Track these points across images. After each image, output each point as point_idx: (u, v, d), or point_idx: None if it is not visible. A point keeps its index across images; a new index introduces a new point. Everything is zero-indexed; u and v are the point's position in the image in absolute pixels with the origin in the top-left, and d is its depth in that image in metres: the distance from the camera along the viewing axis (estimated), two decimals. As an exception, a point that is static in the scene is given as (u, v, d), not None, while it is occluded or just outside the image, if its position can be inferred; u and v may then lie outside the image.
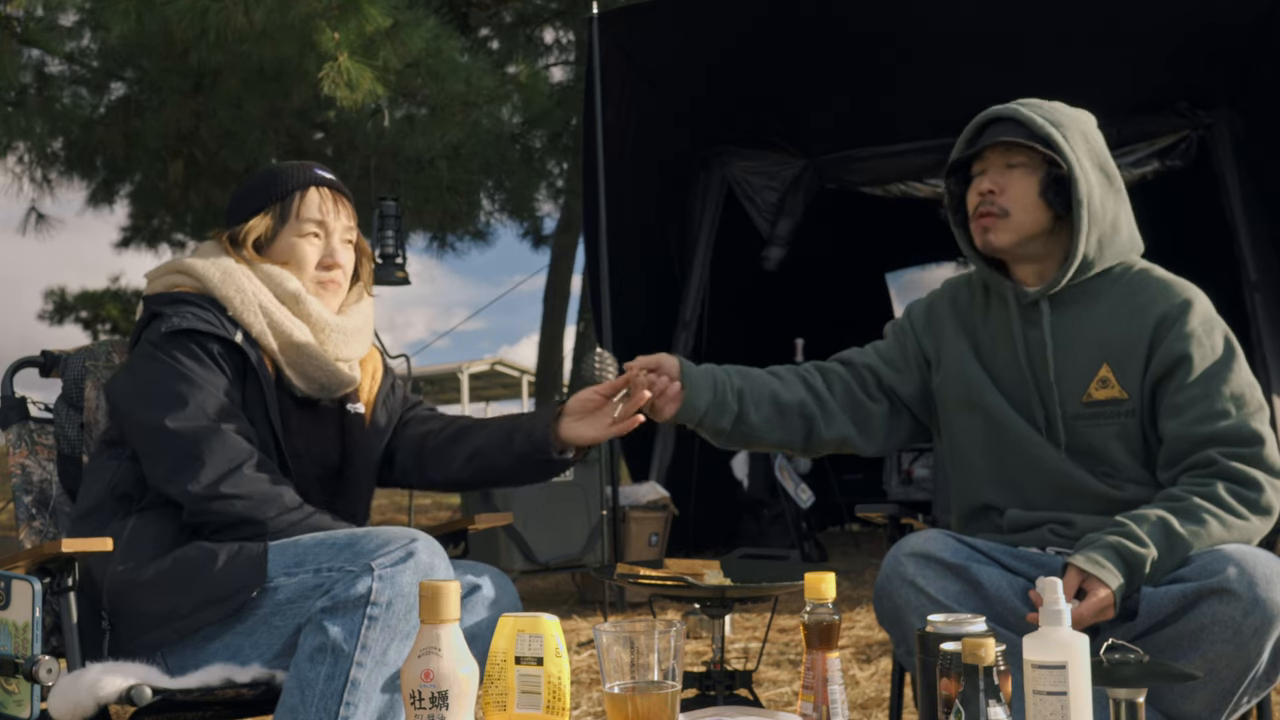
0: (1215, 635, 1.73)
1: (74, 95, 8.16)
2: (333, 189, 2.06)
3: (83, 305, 14.83)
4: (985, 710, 1.29)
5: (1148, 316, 1.97)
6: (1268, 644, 1.72)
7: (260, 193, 2.04)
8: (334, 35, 5.27)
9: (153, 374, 1.86)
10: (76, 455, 2.01)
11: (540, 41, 9.25)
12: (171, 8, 5.42)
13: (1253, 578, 1.72)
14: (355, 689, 1.66)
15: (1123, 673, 1.40)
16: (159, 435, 1.81)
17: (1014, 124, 2.03)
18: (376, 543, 1.71)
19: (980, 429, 2.07)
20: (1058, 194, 1.99)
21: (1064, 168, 1.97)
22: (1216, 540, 1.83)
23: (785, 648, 3.88)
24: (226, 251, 2.00)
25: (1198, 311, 1.97)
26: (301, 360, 1.95)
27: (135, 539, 1.81)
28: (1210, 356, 1.94)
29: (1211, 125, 5.86)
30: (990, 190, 2.02)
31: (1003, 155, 2.03)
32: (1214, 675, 1.74)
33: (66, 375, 2.04)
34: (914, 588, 1.87)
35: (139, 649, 1.75)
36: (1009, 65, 5.41)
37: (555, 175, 9.98)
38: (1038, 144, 1.99)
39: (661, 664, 1.38)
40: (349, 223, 2.07)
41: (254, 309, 1.93)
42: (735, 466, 6.88)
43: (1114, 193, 2.03)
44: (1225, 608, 1.72)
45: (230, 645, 1.75)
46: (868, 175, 6.82)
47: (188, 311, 1.90)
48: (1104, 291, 2.02)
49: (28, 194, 8.68)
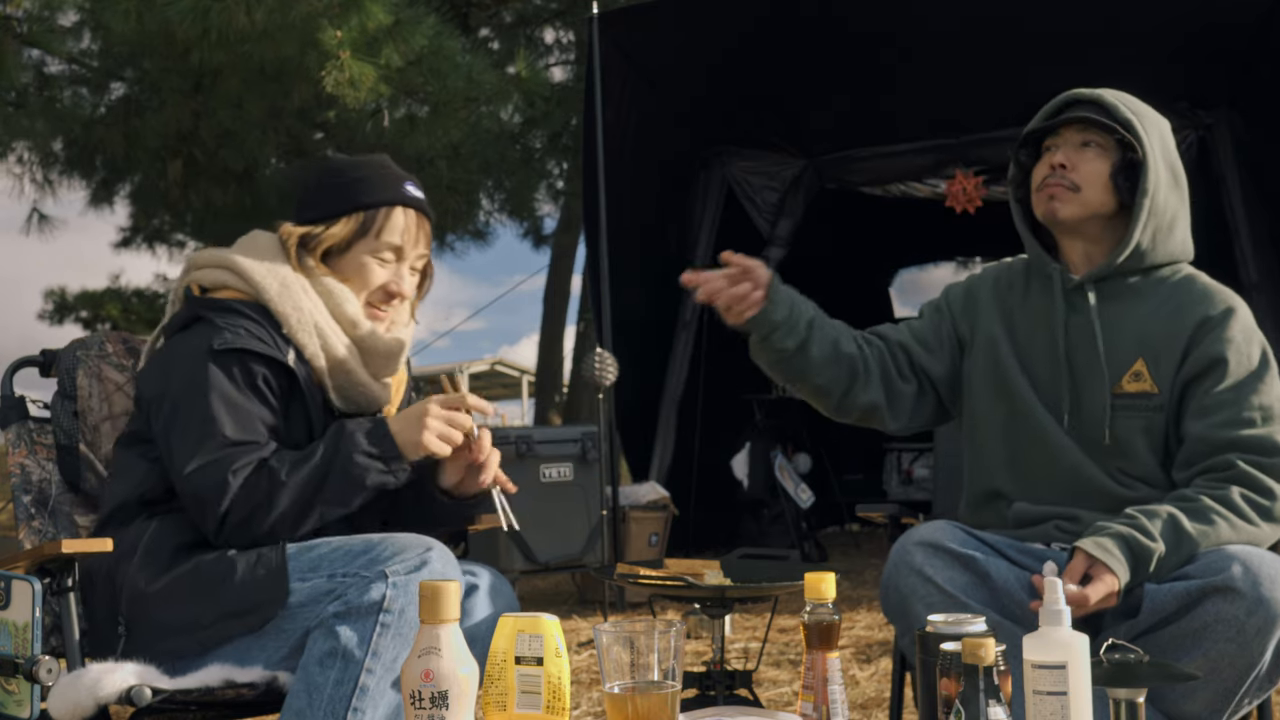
0: (1218, 634, 1.72)
1: (74, 95, 8.17)
2: (419, 211, 1.98)
3: (83, 305, 14.83)
4: (985, 710, 1.29)
5: (1189, 317, 1.99)
6: (1270, 644, 1.72)
7: (345, 195, 1.94)
8: (336, 33, 5.27)
9: (193, 387, 1.79)
10: (73, 445, 2.00)
11: (540, 41, 9.26)
12: (173, 8, 5.42)
13: (1257, 577, 1.72)
14: (364, 695, 1.66)
15: (1123, 673, 1.40)
16: (186, 468, 1.76)
17: (1095, 106, 2.05)
18: (391, 550, 1.69)
19: (1003, 415, 2.08)
20: (1127, 179, 2.01)
21: (1139, 153, 1.99)
22: (1224, 543, 1.83)
23: (785, 648, 3.88)
24: (288, 255, 1.91)
25: (1239, 320, 1.99)
26: (347, 383, 1.92)
27: (156, 542, 1.79)
28: (1245, 365, 1.95)
29: (1211, 125, 5.86)
30: (1063, 164, 2.03)
31: (1079, 133, 2.05)
32: (1216, 674, 1.74)
33: (61, 366, 2.03)
34: (921, 577, 1.86)
35: (157, 656, 1.73)
36: (1009, 66, 5.42)
37: (555, 175, 9.98)
38: (1118, 126, 2.01)
39: (661, 664, 1.38)
40: (424, 250, 2.00)
41: (309, 328, 1.86)
42: (735, 466, 6.88)
43: (1178, 193, 2.05)
44: (1229, 606, 1.72)
45: (237, 646, 1.73)
46: (868, 175, 6.82)
47: (240, 327, 1.82)
48: (1149, 290, 2.04)
49: (29, 194, 8.69)
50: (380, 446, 1.79)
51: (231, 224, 9.99)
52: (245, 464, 1.76)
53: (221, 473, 1.74)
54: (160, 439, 1.83)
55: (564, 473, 5.21)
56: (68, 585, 1.71)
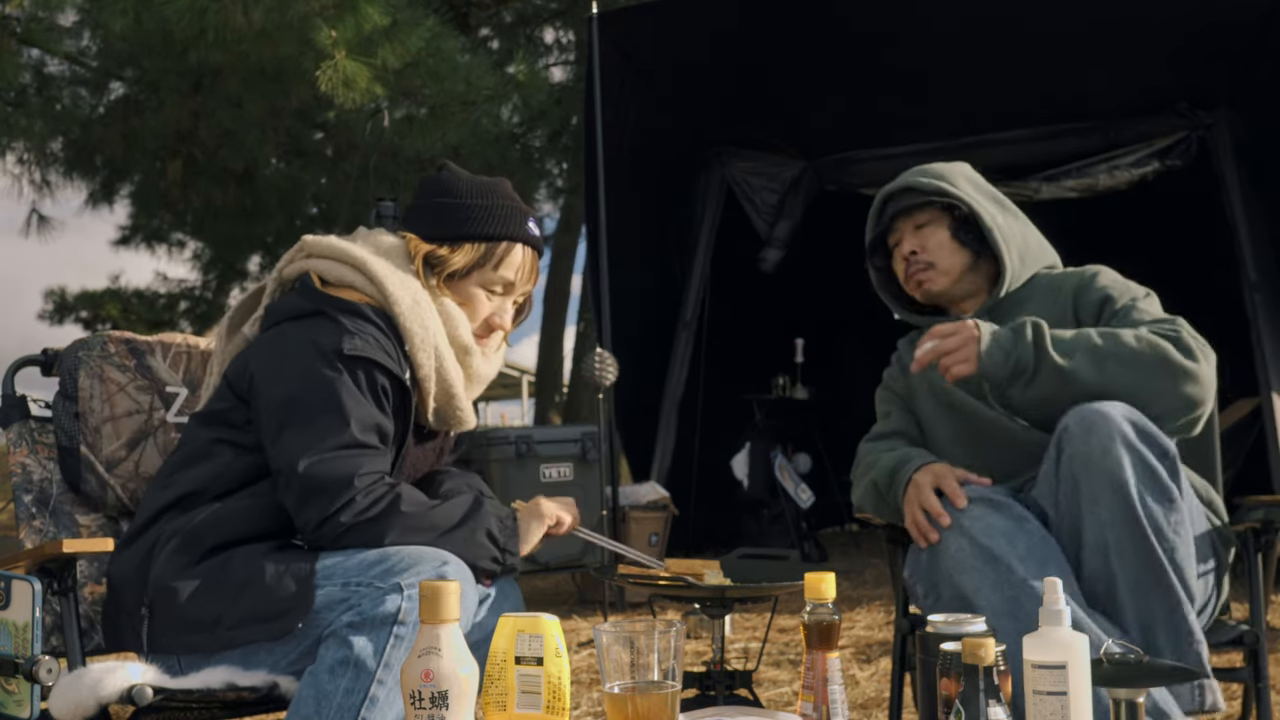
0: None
1: (73, 95, 8.17)
2: (536, 251, 2.02)
3: (83, 305, 14.82)
4: (985, 710, 1.29)
5: (1066, 288, 2.22)
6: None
7: (476, 220, 1.95)
8: (330, 33, 5.27)
9: (319, 381, 1.76)
10: (74, 446, 1.99)
11: (540, 41, 9.26)
12: (169, 7, 5.42)
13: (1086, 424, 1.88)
14: (373, 706, 1.65)
15: (1123, 673, 1.41)
16: (303, 458, 1.73)
17: (909, 192, 2.32)
18: (408, 562, 1.68)
19: (953, 422, 2.24)
20: (968, 232, 2.26)
21: (964, 207, 2.25)
22: (1126, 344, 1.96)
23: (785, 648, 3.88)
24: (417, 271, 1.91)
25: (1108, 273, 2.23)
26: (448, 406, 1.93)
27: (196, 534, 1.77)
28: (1129, 296, 2.15)
29: (1211, 125, 5.86)
30: (913, 251, 2.29)
31: (909, 220, 2.31)
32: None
33: (62, 367, 2.03)
34: (958, 529, 1.94)
35: (178, 648, 1.73)
36: (1010, 67, 5.42)
37: (555, 175, 9.98)
38: (934, 197, 2.27)
39: (661, 664, 1.38)
40: (530, 287, 2.03)
41: (429, 350, 1.86)
42: (735, 466, 6.88)
43: (1012, 215, 2.31)
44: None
45: (246, 649, 1.73)
46: (868, 177, 6.81)
47: (370, 335, 1.80)
48: (1030, 296, 2.25)
49: (27, 195, 8.69)
50: (505, 537, 1.86)
51: (231, 224, 10.01)
52: (372, 471, 1.75)
53: (347, 472, 1.72)
54: (267, 424, 1.79)
55: (564, 473, 5.21)
56: (68, 585, 1.71)
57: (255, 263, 11.78)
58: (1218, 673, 2.10)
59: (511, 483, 5.03)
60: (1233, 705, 2.46)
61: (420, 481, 2.03)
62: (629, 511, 5.25)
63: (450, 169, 2.05)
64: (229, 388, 1.88)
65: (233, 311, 2.02)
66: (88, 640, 1.88)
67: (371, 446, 1.78)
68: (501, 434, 5.27)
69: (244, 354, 1.90)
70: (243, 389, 1.85)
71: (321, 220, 10.01)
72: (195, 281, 13.25)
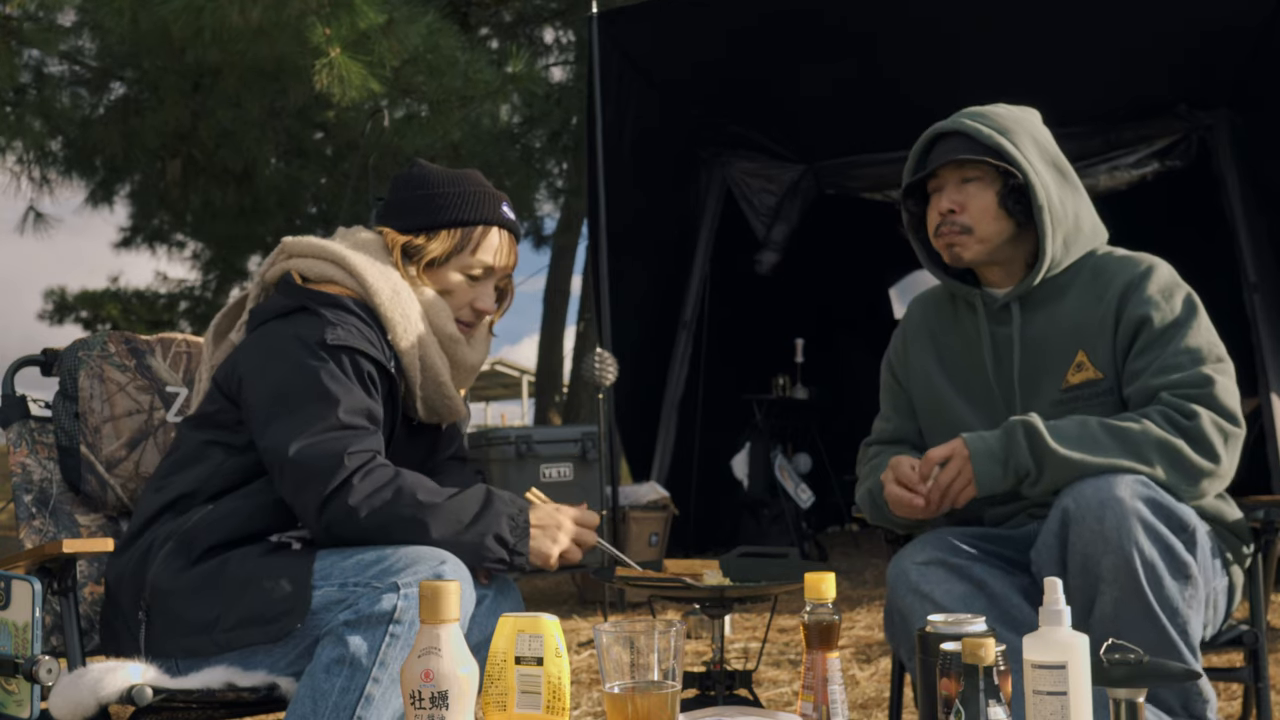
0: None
1: (72, 95, 8.16)
2: (512, 234, 2.03)
3: (83, 305, 14.82)
4: (985, 710, 1.29)
5: (1112, 290, 2.00)
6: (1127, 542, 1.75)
7: (448, 208, 1.96)
8: (325, 30, 5.26)
9: (304, 371, 1.77)
10: (74, 446, 2.00)
11: (540, 41, 9.25)
12: (166, 6, 5.41)
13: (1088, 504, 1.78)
14: (369, 704, 1.65)
15: (1123, 673, 1.40)
16: (293, 444, 1.73)
17: (962, 138, 2.04)
18: (405, 562, 1.68)
19: (945, 436, 2.06)
20: (1017, 202, 2.01)
21: (1019, 176, 1.99)
22: (1133, 442, 1.84)
23: (785, 648, 3.88)
24: (396, 263, 1.93)
25: (1158, 277, 2.00)
26: (436, 395, 1.94)
27: (192, 535, 1.77)
28: (1169, 317, 1.96)
29: (1211, 126, 5.86)
30: (950, 209, 2.03)
31: (956, 170, 2.04)
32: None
33: (62, 367, 2.03)
34: (919, 595, 1.90)
35: (176, 652, 1.73)
36: (1011, 69, 5.41)
37: (555, 175, 9.98)
38: (989, 157, 2.00)
39: (661, 664, 1.38)
40: (509, 268, 2.04)
41: (412, 338, 1.88)
42: (735, 466, 6.88)
43: (1070, 188, 2.05)
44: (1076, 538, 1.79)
45: (244, 650, 1.73)
46: (867, 181, 6.81)
47: (352, 325, 1.82)
48: (1071, 283, 2.04)
49: (26, 194, 8.68)
50: (515, 537, 1.81)
51: (231, 224, 10.01)
52: (362, 450, 1.74)
53: (336, 451, 1.72)
54: (256, 418, 1.79)
55: (564, 473, 5.21)
56: (68, 585, 1.71)
57: (255, 263, 11.78)
58: (1218, 673, 2.10)
59: (511, 483, 5.03)
60: (1233, 705, 2.46)
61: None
62: (629, 511, 5.25)
63: (420, 164, 2.06)
64: (218, 390, 1.89)
65: (218, 318, 2.03)
66: (88, 640, 1.89)
67: (361, 427, 1.78)
68: (501, 434, 5.28)
69: (231, 356, 1.91)
70: (231, 390, 1.86)
71: (321, 220, 10.00)
72: (195, 281, 13.26)
